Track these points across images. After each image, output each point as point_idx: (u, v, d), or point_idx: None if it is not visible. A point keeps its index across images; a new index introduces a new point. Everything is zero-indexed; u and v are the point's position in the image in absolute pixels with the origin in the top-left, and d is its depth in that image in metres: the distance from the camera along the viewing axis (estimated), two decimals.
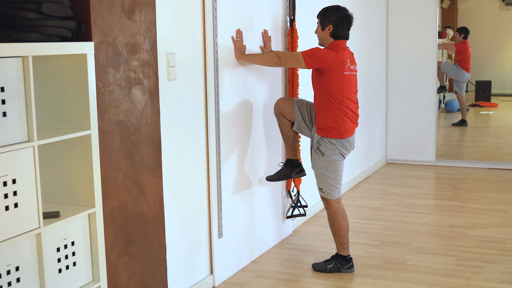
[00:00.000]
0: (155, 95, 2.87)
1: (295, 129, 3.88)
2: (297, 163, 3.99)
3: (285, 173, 3.99)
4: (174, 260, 3.23)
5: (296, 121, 3.85)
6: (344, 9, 3.69)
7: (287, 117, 3.87)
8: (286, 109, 3.87)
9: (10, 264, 2.10)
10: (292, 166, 3.99)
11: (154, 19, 2.83)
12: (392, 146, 7.03)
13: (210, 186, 3.53)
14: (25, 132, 2.11)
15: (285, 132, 3.94)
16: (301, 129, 3.86)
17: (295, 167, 3.99)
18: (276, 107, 3.93)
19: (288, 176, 4.00)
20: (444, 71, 8.62)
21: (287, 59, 3.76)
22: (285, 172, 3.99)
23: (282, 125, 3.93)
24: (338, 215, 3.76)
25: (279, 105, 3.91)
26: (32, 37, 2.17)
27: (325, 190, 3.72)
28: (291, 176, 3.99)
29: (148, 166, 2.85)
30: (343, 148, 3.69)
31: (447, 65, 8.77)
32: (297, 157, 4.00)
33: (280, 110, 3.90)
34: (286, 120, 3.89)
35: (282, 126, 3.94)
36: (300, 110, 3.84)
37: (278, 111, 3.92)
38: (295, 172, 3.99)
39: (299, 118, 3.83)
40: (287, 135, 3.94)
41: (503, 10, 10.70)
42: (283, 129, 3.95)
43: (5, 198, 2.05)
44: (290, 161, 3.99)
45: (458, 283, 3.60)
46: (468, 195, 5.62)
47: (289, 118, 3.87)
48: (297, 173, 3.99)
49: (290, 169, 3.99)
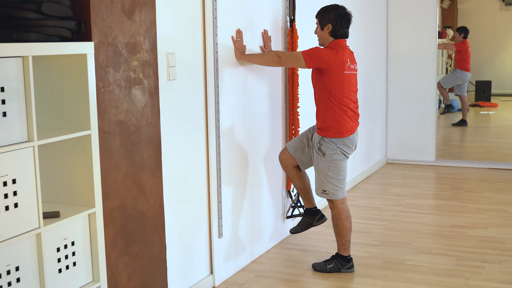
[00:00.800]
0: (155, 95, 2.87)
1: (302, 167, 3.91)
2: (316, 210, 4.01)
3: (307, 222, 4.02)
4: (174, 260, 3.23)
5: (298, 161, 3.88)
6: (342, 7, 3.69)
7: (293, 165, 3.90)
8: (287, 158, 3.92)
9: (10, 264, 2.10)
10: (311, 215, 4.01)
11: (154, 19, 2.83)
12: (392, 146, 7.03)
13: (210, 186, 3.53)
14: (25, 132, 2.11)
15: (296, 184, 3.98)
16: (306, 163, 3.88)
17: (314, 215, 4.01)
18: (280, 162, 3.99)
19: (310, 225, 4.02)
20: (447, 86, 8.61)
21: (287, 59, 3.76)
22: (307, 222, 4.02)
23: (292, 177, 3.98)
24: (343, 216, 3.75)
25: (281, 159, 3.98)
26: (32, 37, 2.17)
27: (329, 191, 3.71)
28: (313, 224, 4.01)
29: (148, 166, 2.85)
30: (344, 146, 3.68)
31: (445, 79, 8.75)
32: (314, 205, 4.01)
33: (284, 163, 3.95)
34: (294, 171, 3.93)
35: (292, 178, 3.98)
36: (295, 149, 3.87)
37: (284, 165, 3.97)
38: (316, 220, 4.01)
39: (299, 157, 3.87)
40: (299, 186, 3.97)
41: (503, 10, 10.70)
42: (293, 181, 3.99)
43: (5, 198, 2.05)
44: (308, 210, 4.02)
45: (458, 283, 3.60)
46: (468, 195, 5.62)
47: (295, 165, 3.91)
48: (318, 220, 4.01)
49: (310, 218, 4.01)
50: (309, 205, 4.00)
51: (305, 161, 3.87)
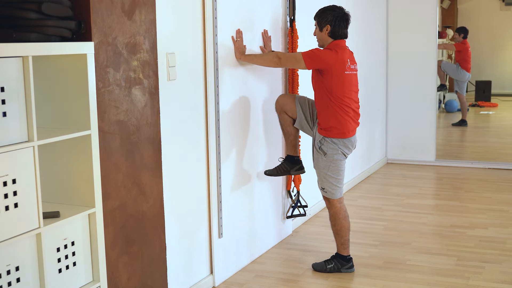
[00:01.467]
0: (155, 95, 2.87)
1: (297, 126, 3.87)
2: (297, 159, 3.98)
3: (284, 168, 3.96)
4: (174, 260, 3.23)
5: (298, 119, 3.84)
6: (340, 8, 3.69)
7: (289, 113, 3.86)
8: (288, 106, 3.85)
9: (10, 264, 2.10)
10: (292, 163, 3.97)
11: (154, 19, 2.83)
12: (392, 146, 7.03)
13: (210, 186, 3.53)
14: (25, 132, 2.11)
15: (286, 128, 3.92)
16: (302, 127, 3.86)
17: (295, 164, 3.97)
18: (278, 103, 3.91)
19: (287, 172, 3.97)
20: (445, 70, 8.62)
21: (287, 60, 3.76)
22: (285, 168, 3.97)
23: (284, 121, 3.92)
24: (340, 215, 3.75)
25: (281, 101, 3.89)
26: (32, 37, 2.17)
27: (327, 190, 3.72)
28: (290, 172, 3.97)
29: (148, 166, 2.85)
30: (345, 147, 3.69)
31: (447, 64, 8.77)
32: (297, 153, 3.99)
33: (281, 106, 3.88)
34: (288, 117, 3.88)
35: (284, 123, 3.92)
36: (302, 108, 3.83)
37: (280, 107, 3.90)
38: (294, 169, 3.97)
39: (301, 116, 3.83)
40: (288, 131, 3.92)
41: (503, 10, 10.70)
42: (284, 125, 3.93)
43: (5, 198, 2.05)
44: (290, 158, 3.98)
45: (458, 283, 3.60)
46: (468, 195, 5.62)
47: (290, 114, 3.86)
48: (297, 170, 3.97)
49: (289, 165, 3.97)
50: (292, 153, 3.96)
51: (303, 125, 3.84)
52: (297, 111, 3.82)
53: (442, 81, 8.85)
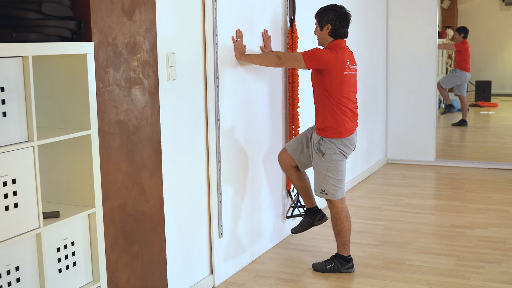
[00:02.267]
0: (155, 95, 2.87)
1: (301, 168, 3.90)
2: (316, 210, 4.01)
3: (307, 222, 4.02)
4: (174, 260, 3.23)
5: (297, 162, 3.88)
6: (341, 7, 3.69)
7: (292, 165, 3.90)
8: (286, 159, 3.92)
9: (10, 264, 2.10)
10: (312, 214, 4.01)
11: (154, 19, 2.83)
12: (392, 146, 7.03)
13: (210, 186, 3.53)
14: (25, 132, 2.11)
15: (296, 184, 3.98)
16: (305, 163, 3.87)
17: (315, 214, 4.01)
18: (280, 163, 4.00)
19: (311, 225, 4.02)
20: (447, 86, 8.62)
21: (287, 59, 3.76)
22: (308, 222, 4.02)
23: (292, 178, 3.98)
24: (342, 216, 3.75)
25: (280, 160, 3.98)
26: (32, 37, 2.17)
27: (328, 191, 3.72)
28: (314, 224, 4.01)
29: (148, 166, 2.85)
30: (343, 147, 3.68)
31: (445, 79, 8.75)
32: (315, 204, 4.02)
33: (283, 163, 3.96)
34: (293, 172, 3.92)
35: (292, 179, 3.98)
36: (294, 149, 3.87)
37: (283, 166, 3.97)
38: (317, 219, 4.01)
39: (298, 157, 3.87)
40: (299, 186, 3.97)
41: (503, 10, 10.70)
42: (293, 182, 3.99)
43: (5, 198, 2.05)
44: (309, 210, 4.02)
45: (458, 283, 3.60)
46: (468, 195, 5.62)
47: (294, 165, 3.90)
48: (319, 220, 4.01)
49: (311, 217, 4.01)
50: (310, 205, 4.00)
51: (304, 162, 3.87)
52: (293, 158, 3.87)
53: (447, 101, 8.87)
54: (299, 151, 3.86)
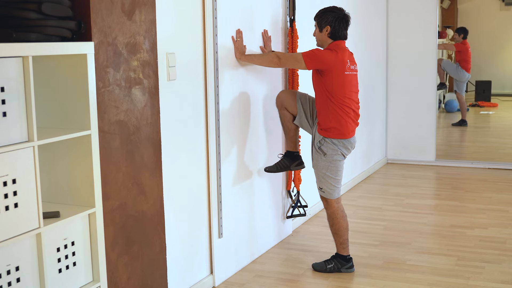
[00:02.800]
0: (155, 95, 2.87)
1: (297, 123, 3.87)
2: (297, 155, 3.98)
3: (284, 164, 3.96)
4: (174, 260, 3.23)
5: (298, 116, 3.84)
6: (340, 9, 3.69)
7: (289, 109, 3.86)
8: (289, 102, 3.86)
9: (10, 264, 2.10)
10: (291, 158, 3.97)
11: (154, 19, 2.83)
12: (392, 146, 7.03)
13: (210, 186, 3.53)
14: (25, 132, 2.11)
15: (286, 124, 3.92)
16: (302, 124, 3.86)
17: (294, 160, 3.96)
18: (278, 99, 3.92)
19: (287, 168, 3.97)
20: (445, 69, 8.61)
21: (287, 60, 3.76)
22: (284, 164, 3.96)
23: (284, 117, 3.92)
24: (338, 215, 3.76)
25: (282, 97, 3.90)
26: (32, 37, 2.17)
27: (325, 190, 3.73)
28: (290, 168, 3.97)
29: (148, 166, 2.85)
30: (344, 148, 3.69)
31: (448, 63, 8.76)
32: (297, 149, 3.99)
33: (282, 102, 3.89)
34: (288, 113, 3.88)
35: (284, 118, 3.92)
36: (303, 105, 3.83)
37: (280, 103, 3.90)
38: (294, 164, 3.96)
39: (301, 113, 3.83)
40: (288, 127, 3.92)
41: (503, 10, 10.69)
42: (284, 121, 3.93)
43: (5, 198, 2.05)
44: (289, 153, 3.98)
45: (458, 283, 3.60)
46: (468, 195, 5.62)
47: (291, 111, 3.86)
48: (297, 165, 3.97)
49: (289, 161, 3.96)
50: (292, 148, 3.97)
51: (302, 122, 3.83)
52: (297, 108, 3.83)
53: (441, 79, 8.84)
54: (304, 111, 3.81)
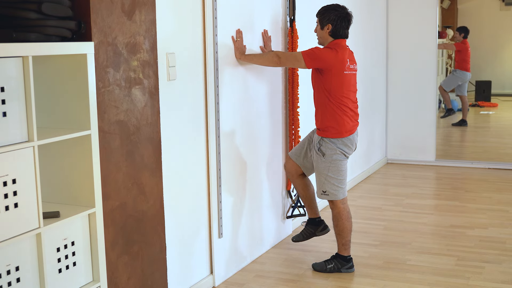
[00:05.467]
0: (155, 95, 2.87)
1: (306, 173, 3.90)
2: (319, 220, 4.00)
3: (309, 232, 4.01)
4: (174, 260, 3.23)
5: (302, 168, 3.88)
6: (343, 7, 3.69)
7: (298, 172, 3.90)
8: (291, 166, 3.92)
9: (10, 264, 2.10)
10: (314, 225, 4.00)
11: (154, 19, 2.83)
12: (392, 146, 7.03)
13: (210, 186, 3.53)
14: (25, 132, 2.11)
15: (301, 193, 3.98)
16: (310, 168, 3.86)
17: (318, 225, 4.00)
18: (286, 172, 4.02)
19: (313, 235, 4.01)
20: (448, 87, 8.61)
21: (287, 59, 3.76)
22: (309, 231, 4.01)
23: (297, 187, 3.97)
24: (343, 216, 3.75)
25: (286, 168, 4.00)
26: (32, 37, 2.17)
27: (329, 192, 3.71)
28: (316, 234, 4.01)
29: (148, 166, 2.85)
30: (344, 146, 3.68)
31: (446, 81, 8.74)
32: (318, 215, 4.01)
33: (289, 171, 3.96)
34: (299, 180, 3.93)
35: (297, 188, 3.98)
36: (297, 155, 3.87)
37: (290, 174, 3.98)
38: (319, 230, 4.00)
39: (302, 162, 3.87)
40: (303, 195, 3.97)
41: (503, 10, 10.70)
42: (298, 190, 3.99)
43: (5, 198, 2.05)
44: (312, 220, 4.00)
45: (458, 283, 3.60)
46: (468, 195, 5.62)
47: (300, 173, 3.90)
48: (321, 231, 4.00)
49: (313, 227, 4.00)
50: (313, 215, 3.99)
51: (308, 166, 3.86)
52: (296, 162, 3.88)
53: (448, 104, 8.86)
54: (302, 156, 3.85)
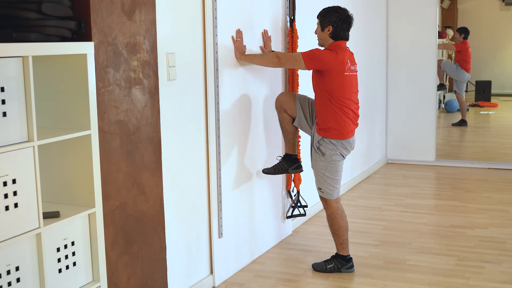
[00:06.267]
0: (155, 95, 2.87)
1: (296, 124, 3.87)
2: (295, 158, 3.98)
3: (282, 167, 3.96)
4: (174, 260, 3.23)
5: (297, 117, 3.84)
6: (344, 10, 3.69)
7: (288, 112, 3.86)
8: (288, 104, 3.85)
9: (10, 264, 2.10)
10: (290, 161, 3.97)
11: (154, 19, 2.83)
12: (392, 146, 7.03)
13: (210, 186, 3.53)
14: (25, 132, 2.11)
15: (285, 126, 3.92)
16: (301, 126, 3.86)
17: (293, 162, 3.96)
18: (278, 101, 3.91)
19: (285, 171, 3.97)
20: (444, 70, 8.62)
21: (287, 60, 3.76)
22: (283, 166, 3.96)
23: (283, 120, 3.91)
24: (337, 215, 3.76)
25: (281, 100, 3.90)
26: (32, 37, 2.17)
27: (324, 190, 3.72)
28: (288, 171, 3.97)
29: (148, 166, 2.85)
30: (343, 148, 3.69)
31: (447, 64, 8.76)
32: (295, 152, 3.99)
33: (281, 104, 3.89)
34: (287, 115, 3.88)
35: (283, 121, 3.92)
36: (302, 106, 3.83)
37: (279, 105, 3.90)
38: (292, 167, 3.96)
39: (300, 115, 3.83)
40: (287, 130, 3.92)
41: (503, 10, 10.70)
42: (283, 124, 3.93)
43: (5, 198, 2.05)
44: (288, 156, 3.98)
45: (458, 283, 3.60)
46: (468, 195, 5.62)
47: (290, 113, 3.86)
48: (295, 169, 3.97)
49: (287, 163, 3.96)
50: (291, 151, 3.96)
51: (301, 123, 3.83)
52: (296, 110, 3.83)
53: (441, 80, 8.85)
54: (303, 113, 3.81)
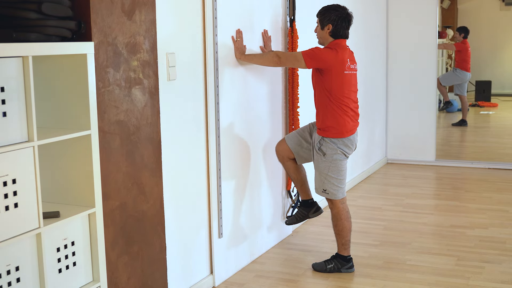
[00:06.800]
0: (155, 95, 2.87)
1: (299, 162, 3.89)
2: (312, 202, 4.01)
3: (302, 214, 4.01)
4: (174, 260, 3.23)
5: (296, 155, 3.87)
6: (343, 8, 3.69)
7: (289, 157, 3.89)
8: (285, 151, 3.90)
9: (10, 264, 2.10)
10: (307, 206, 4.00)
11: (154, 19, 2.83)
12: (392, 146, 7.03)
13: (210, 186, 3.53)
14: (25, 132, 2.11)
15: (292, 175, 3.96)
16: (303, 157, 3.87)
17: (310, 207, 4.00)
18: (277, 153, 3.98)
19: (306, 217, 4.02)
20: (446, 83, 8.63)
21: (287, 59, 3.76)
22: (303, 214, 4.01)
23: (288, 169, 3.96)
24: (342, 216, 3.75)
25: (277, 150, 3.96)
26: (32, 37, 2.17)
27: (329, 191, 3.72)
28: (309, 216, 4.01)
29: (148, 166, 2.85)
30: (344, 147, 3.68)
31: (445, 76, 8.75)
32: (310, 196, 4.01)
33: (280, 154, 3.94)
34: (291, 163, 3.91)
35: (288, 170, 3.96)
36: (294, 142, 3.86)
37: (280, 157, 3.95)
38: (312, 212, 4.00)
39: (296, 150, 3.86)
40: (295, 178, 3.96)
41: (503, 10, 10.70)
42: (289, 173, 3.98)
43: (5, 198, 2.05)
44: (305, 202, 4.01)
45: (458, 283, 3.60)
46: (468, 195, 5.62)
47: (291, 157, 3.89)
48: (314, 212, 4.01)
49: (306, 209, 4.00)
50: (305, 197, 3.99)
51: (303, 156, 3.86)
52: (291, 149, 3.86)
53: (445, 98, 8.88)
54: (298, 145, 3.84)
